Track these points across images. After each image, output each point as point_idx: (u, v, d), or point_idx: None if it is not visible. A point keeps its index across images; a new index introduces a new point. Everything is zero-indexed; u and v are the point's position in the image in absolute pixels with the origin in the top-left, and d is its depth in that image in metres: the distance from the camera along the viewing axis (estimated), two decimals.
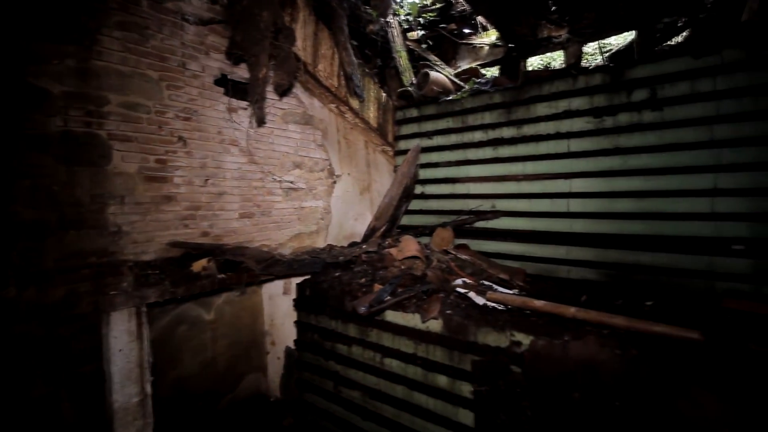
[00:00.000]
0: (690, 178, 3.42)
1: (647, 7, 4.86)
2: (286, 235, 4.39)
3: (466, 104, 4.73)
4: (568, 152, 4.03)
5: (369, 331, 3.34)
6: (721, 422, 1.84)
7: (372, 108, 5.10)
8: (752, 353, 2.01)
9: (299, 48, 4.20)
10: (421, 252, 3.65)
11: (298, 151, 4.54)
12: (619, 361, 2.19)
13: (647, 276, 3.59)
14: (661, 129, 3.56)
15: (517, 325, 2.63)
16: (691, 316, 2.69)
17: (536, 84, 4.25)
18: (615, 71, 3.81)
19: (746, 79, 3.21)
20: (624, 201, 3.73)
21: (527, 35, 5.66)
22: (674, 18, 4.84)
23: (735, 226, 3.24)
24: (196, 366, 3.95)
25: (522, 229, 4.30)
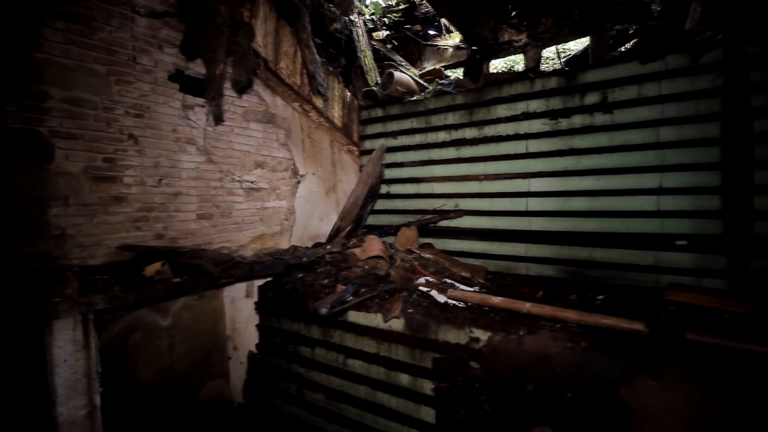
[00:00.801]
0: (638, 178, 3.60)
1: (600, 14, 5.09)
2: (247, 237, 4.28)
3: (430, 105, 4.79)
4: (526, 153, 4.15)
5: (332, 332, 3.31)
6: (661, 408, 1.95)
7: (337, 107, 5.06)
8: (688, 342, 2.14)
9: (259, 44, 4.11)
10: (384, 252, 3.66)
11: (260, 150, 4.44)
12: (570, 353, 2.27)
13: (600, 271, 3.75)
14: (612, 131, 3.73)
15: (476, 322, 2.68)
16: (638, 309, 2.83)
17: (496, 86, 4.35)
18: (569, 75, 3.96)
19: (688, 84, 3.41)
20: (578, 200, 3.88)
21: (489, 38, 5.81)
22: (625, 26, 5.11)
23: (678, 222, 3.44)
24: (153, 374, 3.78)
25: (484, 228, 4.40)
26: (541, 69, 5.31)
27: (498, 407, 2.46)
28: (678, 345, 2.16)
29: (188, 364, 4.07)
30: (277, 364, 3.82)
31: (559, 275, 3.93)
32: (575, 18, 5.33)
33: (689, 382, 1.94)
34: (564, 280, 3.85)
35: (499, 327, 2.59)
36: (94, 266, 3.20)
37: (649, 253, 3.55)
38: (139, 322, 3.71)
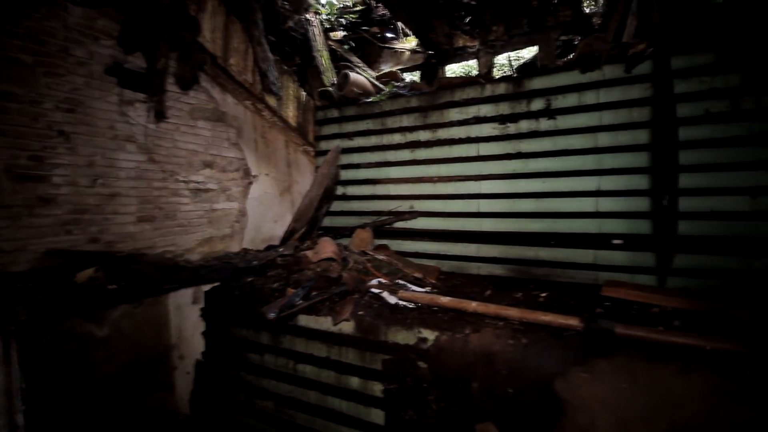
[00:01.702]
0: (579, 181, 3.80)
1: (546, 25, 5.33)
2: (194, 240, 4.09)
3: (385, 107, 4.81)
4: (477, 156, 4.27)
5: (281, 337, 3.23)
6: (592, 399, 2.05)
7: (291, 107, 4.97)
8: (618, 336, 2.28)
9: (207, 39, 3.96)
10: (337, 253, 3.62)
11: (209, 149, 4.27)
12: (512, 350, 2.35)
13: (546, 269, 3.92)
14: (555, 136, 3.91)
15: (425, 322, 2.71)
16: (577, 305, 2.98)
17: (449, 90, 4.44)
18: (516, 82, 4.12)
19: (622, 93, 3.64)
20: (526, 201, 4.04)
21: (444, 43, 5.92)
22: (570, 36, 5.39)
23: (615, 222, 3.66)
24: (88, 389, 3.51)
25: (438, 229, 4.47)
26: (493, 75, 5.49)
27: (444, 406, 2.50)
28: (609, 338, 2.28)
29: (129, 376, 3.82)
30: (225, 372, 3.67)
31: (508, 274, 4.06)
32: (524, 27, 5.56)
33: (618, 374, 2.05)
34: (512, 278, 3.99)
35: (446, 327, 2.64)
36: (17, 273, 2.93)
37: (589, 251, 3.75)
38: (71, 332, 3.43)
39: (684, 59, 3.40)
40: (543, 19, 5.32)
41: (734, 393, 1.83)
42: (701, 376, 1.93)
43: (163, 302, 4.07)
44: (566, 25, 5.44)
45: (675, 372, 1.98)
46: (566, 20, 5.37)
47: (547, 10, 5.20)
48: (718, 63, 3.29)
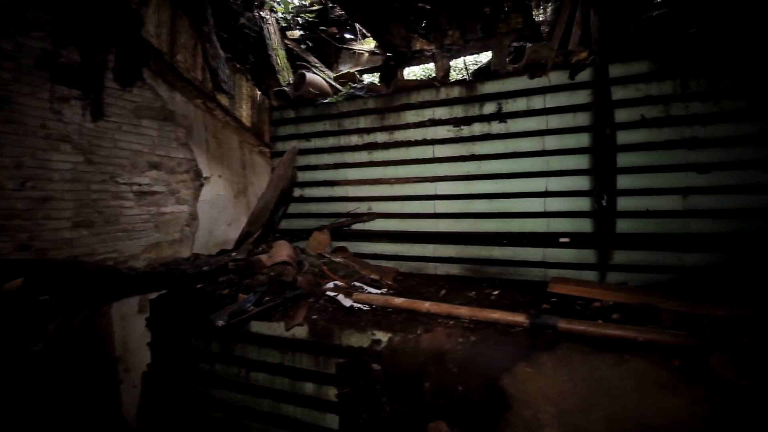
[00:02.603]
0: (528, 182, 3.95)
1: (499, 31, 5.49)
2: (139, 246, 3.87)
3: (342, 108, 4.78)
4: (433, 157, 4.33)
5: (233, 345, 3.12)
6: (536, 393, 2.13)
7: (245, 106, 4.82)
8: (560, 331, 2.38)
9: (151, 34, 3.76)
10: (293, 257, 3.55)
11: (156, 149, 4.06)
12: (461, 348, 2.39)
13: (499, 268, 4.04)
14: (506, 138, 4.04)
15: (378, 324, 2.71)
16: (525, 302, 3.09)
17: (405, 93, 4.48)
18: (470, 86, 4.22)
19: (567, 99, 3.82)
20: (480, 202, 4.14)
21: (401, 46, 5.97)
22: (522, 43, 5.59)
23: (562, 221, 3.83)
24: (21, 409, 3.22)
25: (396, 230, 4.49)
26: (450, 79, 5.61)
27: (398, 407, 2.51)
28: (552, 333, 2.38)
29: (68, 393, 3.55)
30: (173, 384, 3.50)
31: (463, 273, 4.15)
32: (479, 33, 5.72)
33: (559, 367, 2.14)
34: (468, 277, 4.08)
35: (399, 328, 2.65)
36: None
37: (539, 249, 3.90)
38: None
39: (621, 67, 3.62)
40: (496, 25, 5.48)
41: (662, 381, 1.96)
42: (634, 366, 2.06)
43: (105, 313, 3.81)
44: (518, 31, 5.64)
45: (610, 363, 2.09)
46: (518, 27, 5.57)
47: (499, 17, 5.37)
48: (652, 72, 3.53)
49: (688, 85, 3.45)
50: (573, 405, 2.02)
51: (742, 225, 3.29)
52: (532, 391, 2.13)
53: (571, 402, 2.02)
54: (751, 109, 3.25)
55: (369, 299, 2.98)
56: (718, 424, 1.77)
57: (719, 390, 1.85)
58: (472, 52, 6.50)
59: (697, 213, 3.41)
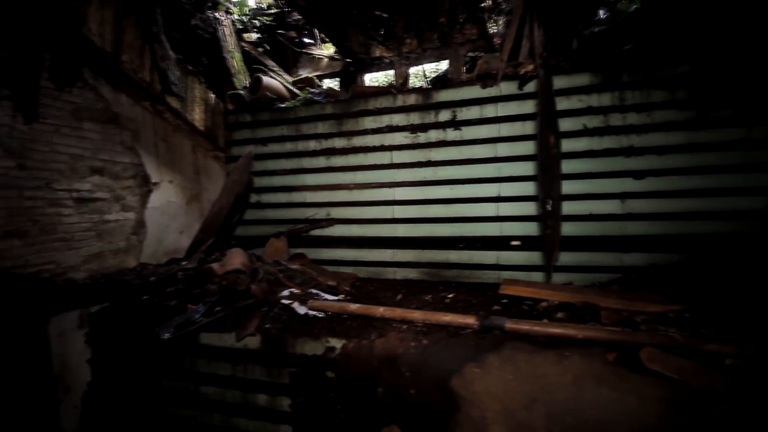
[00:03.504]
0: (482, 187, 4.08)
1: (455, 41, 5.66)
2: (79, 256, 3.63)
3: (300, 113, 4.74)
4: (391, 163, 4.38)
5: (181, 359, 2.99)
6: (483, 392, 2.19)
7: (198, 109, 4.67)
8: (507, 331, 2.46)
9: (94, 33, 3.57)
10: (247, 265, 3.46)
11: (99, 154, 3.83)
12: (414, 352, 2.42)
13: (455, 271, 4.14)
14: (461, 145, 4.16)
15: (333, 331, 2.70)
16: (478, 304, 3.18)
17: (363, 99, 4.51)
18: (426, 93, 4.32)
19: (516, 108, 4.00)
20: (436, 207, 4.23)
21: (361, 52, 6.01)
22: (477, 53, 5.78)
23: (513, 225, 3.99)
24: None
25: (355, 236, 4.50)
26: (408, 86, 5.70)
27: (351, 414, 2.50)
28: (500, 334, 2.47)
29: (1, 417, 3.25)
30: (116, 402, 3.29)
31: (421, 277, 4.21)
32: (436, 42, 5.86)
33: (505, 366, 2.22)
34: (425, 281, 4.14)
35: (354, 334, 2.65)
36: None
37: (493, 252, 4.04)
38: None
39: (565, 79, 3.84)
40: (452, 35, 5.65)
41: (598, 376, 2.08)
42: (573, 362, 2.17)
43: (41, 329, 3.54)
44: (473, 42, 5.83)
45: (552, 360, 2.19)
46: (473, 38, 5.77)
47: (455, 28, 5.54)
48: (593, 84, 3.77)
49: (625, 97, 3.71)
50: (517, 402, 2.09)
51: (674, 227, 3.57)
52: (480, 391, 2.19)
53: (516, 399, 2.10)
54: (679, 121, 3.55)
55: (324, 306, 2.96)
56: (646, 414, 1.89)
57: (648, 382, 1.99)
58: (431, 60, 6.65)
59: (633, 216, 3.66)
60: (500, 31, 5.85)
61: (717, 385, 1.88)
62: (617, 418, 1.91)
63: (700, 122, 3.51)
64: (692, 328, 2.50)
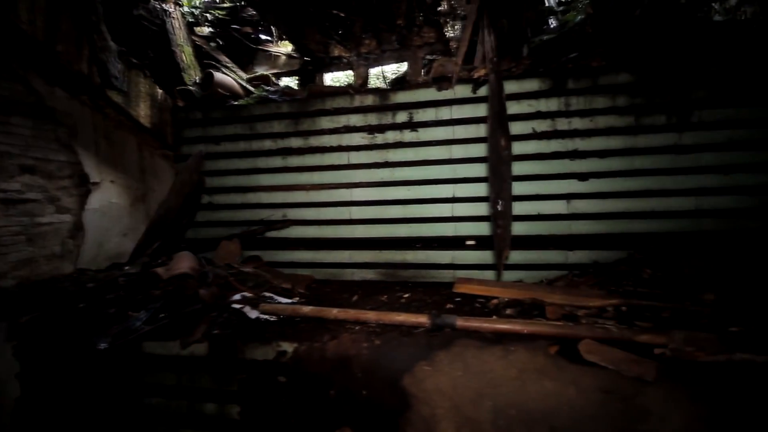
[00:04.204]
0: (438, 188, 4.15)
1: (413, 44, 5.72)
2: (7, 262, 3.32)
3: (255, 111, 4.61)
4: (348, 164, 4.36)
5: (120, 369, 2.80)
6: (433, 389, 2.22)
7: (143, 105, 4.42)
8: (458, 329, 2.52)
9: (23, 21, 3.29)
10: (195, 268, 3.31)
11: (29, 151, 3.53)
12: (366, 353, 2.42)
13: (412, 271, 4.18)
14: (417, 147, 4.21)
15: (285, 335, 2.64)
16: (432, 303, 3.22)
17: (320, 98, 4.46)
18: (383, 94, 4.33)
19: (470, 111, 4.10)
20: (394, 208, 4.25)
21: (319, 51, 5.94)
22: (435, 56, 5.88)
23: (467, 225, 4.09)
24: None
25: (312, 237, 4.43)
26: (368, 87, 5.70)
27: (303, 417, 2.45)
28: (451, 331, 2.51)
29: None
30: (49, 419, 3.04)
31: (378, 278, 4.22)
32: (394, 44, 5.90)
33: (454, 363, 2.26)
34: (382, 282, 4.15)
35: (306, 337, 2.60)
36: None
37: (448, 252, 4.11)
38: None
39: (516, 84, 3.99)
40: (410, 38, 5.71)
41: (540, 369, 2.17)
42: (518, 356, 2.25)
43: None
44: (431, 45, 5.92)
45: (498, 355, 2.26)
46: (431, 41, 5.86)
47: (413, 30, 5.60)
48: (542, 90, 3.93)
49: (570, 102, 3.91)
50: (465, 398, 2.14)
51: (614, 226, 3.80)
52: (430, 389, 2.22)
53: (464, 395, 2.15)
54: (619, 126, 3.78)
55: (276, 309, 2.89)
56: (584, 403, 1.99)
57: (586, 373, 2.10)
58: (390, 62, 6.69)
59: (578, 216, 3.86)
60: (457, 36, 6.00)
61: (647, 374, 2.01)
62: (557, 408, 2.00)
63: (637, 128, 3.77)
64: (628, 321, 2.67)
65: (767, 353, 2.10)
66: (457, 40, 5.44)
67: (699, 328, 2.48)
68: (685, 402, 1.90)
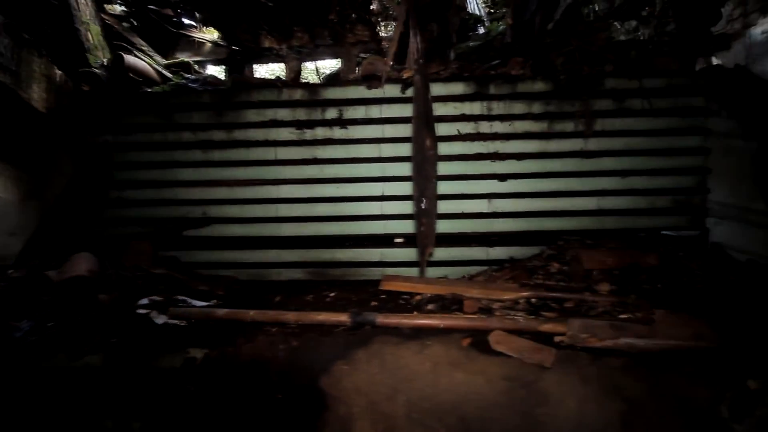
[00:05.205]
0: (367, 186, 4.15)
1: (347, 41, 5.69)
2: None
3: (172, 100, 4.27)
4: (276, 160, 4.20)
5: None
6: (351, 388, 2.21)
7: (37, 88, 3.89)
8: (379, 326, 2.53)
9: None
10: (94, 271, 2.98)
11: None
12: (283, 355, 2.34)
13: (341, 270, 4.14)
14: (347, 144, 4.17)
15: (195, 340, 2.47)
16: (358, 301, 3.22)
17: (246, 90, 4.25)
18: (312, 89, 4.23)
19: (399, 111, 4.14)
20: (323, 205, 4.18)
21: (248, 41, 5.69)
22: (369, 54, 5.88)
23: (396, 223, 4.14)
24: None
25: (236, 236, 4.21)
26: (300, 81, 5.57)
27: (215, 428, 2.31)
28: (371, 329, 2.52)
29: None
30: None
31: (306, 278, 4.12)
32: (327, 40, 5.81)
33: (371, 360, 2.27)
34: (310, 281, 4.06)
35: (218, 341, 2.45)
36: None
37: (377, 250, 4.14)
38: None
39: (443, 87, 4.11)
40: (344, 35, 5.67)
41: (453, 361, 2.25)
42: (433, 350, 2.31)
43: None
44: (365, 43, 5.93)
45: (415, 351, 2.31)
46: (365, 39, 5.86)
47: (346, 27, 5.56)
48: (466, 94, 4.09)
49: (492, 107, 4.12)
50: (381, 395, 2.15)
51: (529, 224, 4.09)
52: (348, 388, 2.20)
53: (380, 392, 2.16)
54: (534, 131, 4.06)
55: (188, 313, 2.70)
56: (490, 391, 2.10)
57: (493, 362, 2.21)
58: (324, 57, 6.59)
59: (498, 214, 4.09)
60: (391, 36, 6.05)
61: (546, 360, 2.17)
62: (467, 398, 2.09)
63: (550, 133, 4.07)
64: (536, 312, 2.87)
65: (647, 337, 2.37)
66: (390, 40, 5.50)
67: (595, 316, 2.74)
68: (578, 385, 2.08)
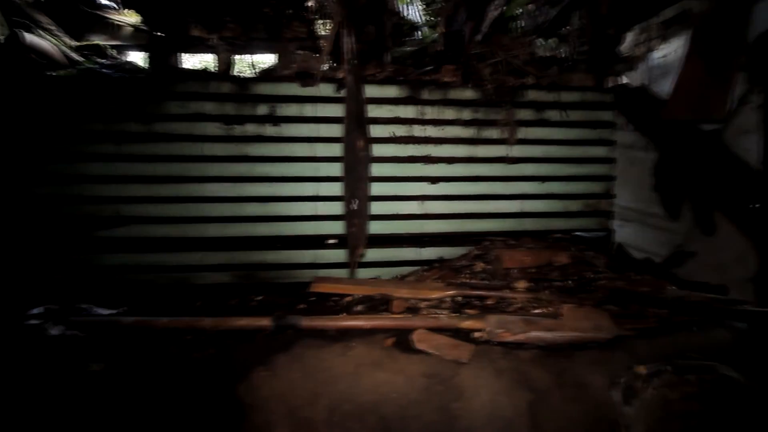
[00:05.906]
0: (300, 186, 4.06)
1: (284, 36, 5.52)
2: None
3: (80, 85, 3.85)
4: (202, 155, 3.96)
5: None
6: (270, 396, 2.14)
7: None
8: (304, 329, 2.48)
9: None
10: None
11: None
12: (197, 364, 2.20)
13: (272, 272, 4.01)
14: (280, 142, 4.05)
15: (95, 353, 2.24)
16: (285, 304, 3.13)
17: (168, 79, 3.96)
18: (242, 84, 4.05)
19: (333, 110, 4.09)
20: (252, 205, 4.01)
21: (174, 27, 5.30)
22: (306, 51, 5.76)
23: (330, 224, 4.09)
24: None
25: (155, 236, 3.90)
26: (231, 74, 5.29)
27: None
28: (294, 333, 2.46)
29: None
30: None
31: (233, 281, 3.94)
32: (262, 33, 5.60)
33: (292, 365, 2.22)
34: (237, 285, 3.88)
35: (123, 353, 2.25)
36: None
37: (310, 252, 4.07)
38: None
39: (378, 89, 4.15)
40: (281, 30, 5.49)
41: (376, 361, 2.26)
42: (356, 351, 2.31)
43: None
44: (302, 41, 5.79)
45: (338, 353, 2.29)
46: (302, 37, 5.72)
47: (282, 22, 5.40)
48: (402, 97, 4.16)
49: (425, 112, 4.23)
50: (302, 399, 2.11)
51: (458, 225, 4.26)
52: (267, 395, 2.13)
53: (300, 397, 2.11)
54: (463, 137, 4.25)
55: (89, 323, 2.44)
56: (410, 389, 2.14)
57: (414, 360, 2.26)
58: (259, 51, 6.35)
59: (429, 216, 4.21)
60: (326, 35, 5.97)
61: (462, 356, 2.27)
62: (387, 397, 2.11)
63: (478, 139, 4.28)
64: (459, 310, 2.99)
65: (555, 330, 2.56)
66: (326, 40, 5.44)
67: (512, 312, 2.92)
68: (491, 378, 2.20)
